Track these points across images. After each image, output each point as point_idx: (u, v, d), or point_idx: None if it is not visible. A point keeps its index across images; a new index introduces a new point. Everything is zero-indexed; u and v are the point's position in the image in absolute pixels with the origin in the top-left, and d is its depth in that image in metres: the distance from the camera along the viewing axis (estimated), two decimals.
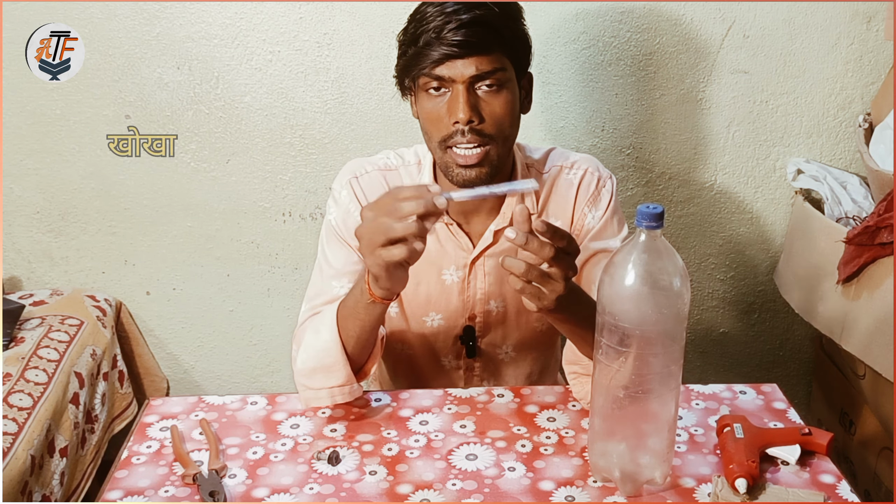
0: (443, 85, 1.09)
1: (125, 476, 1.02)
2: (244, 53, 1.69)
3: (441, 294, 1.26)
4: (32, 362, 1.55)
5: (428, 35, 1.06)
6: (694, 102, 1.74)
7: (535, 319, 1.29)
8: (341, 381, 1.11)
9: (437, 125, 1.11)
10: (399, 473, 1.02)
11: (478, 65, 1.06)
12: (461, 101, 1.07)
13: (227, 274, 1.87)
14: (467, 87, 1.08)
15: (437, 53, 1.06)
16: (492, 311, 1.27)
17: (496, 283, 1.25)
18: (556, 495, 0.98)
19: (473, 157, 1.10)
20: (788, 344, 1.98)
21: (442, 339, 1.30)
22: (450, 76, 1.07)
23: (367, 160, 1.26)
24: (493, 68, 1.07)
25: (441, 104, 1.10)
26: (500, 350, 1.31)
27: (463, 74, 1.07)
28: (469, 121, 1.08)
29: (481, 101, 1.09)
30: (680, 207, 1.83)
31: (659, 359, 0.91)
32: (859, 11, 1.67)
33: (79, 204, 1.81)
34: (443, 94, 1.10)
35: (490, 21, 1.06)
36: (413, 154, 1.25)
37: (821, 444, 1.03)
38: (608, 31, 1.68)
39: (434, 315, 1.28)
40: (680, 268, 0.90)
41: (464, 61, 1.06)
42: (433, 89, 1.10)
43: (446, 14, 1.06)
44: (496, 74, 1.08)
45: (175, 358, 1.96)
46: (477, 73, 1.07)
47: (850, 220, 1.60)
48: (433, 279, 1.25)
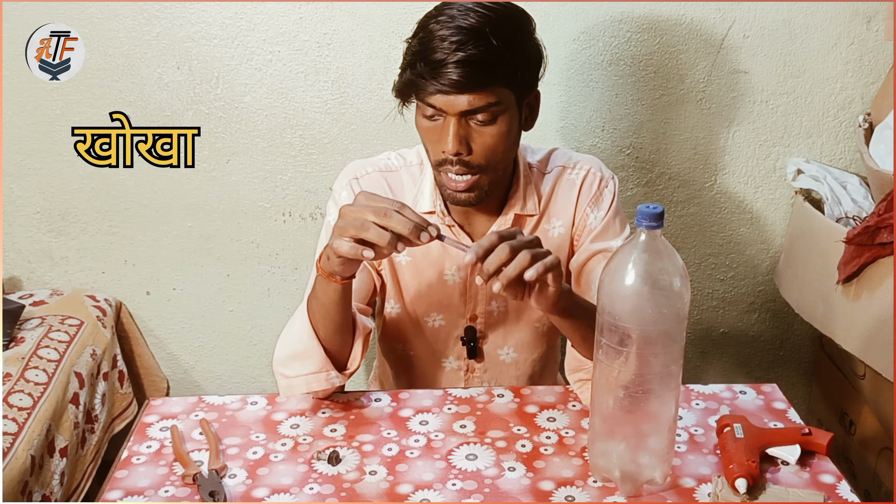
0: (436, 113, 1.09)
1: (125, 476, 1.02)
2: (244, 53, 1.69)
3: (443, 295, 1.26)
4: (32, 362, 1.55)
5: (426, 66, 1.05)
6: (694, 102, 1.74)
7: (536, 319, 1.29)
8: (316, 367, 1.10)
9: (431, 146, 1.13)
10: (399, 473, 1.02)
11: (471, 101, 1.06)
12: (451, 133, 1.07)
13: (227, 274, 1.87)
14: (458, 119, 1.07)
15: (431, 88, 1.05)
16: (493, 311, 1.27)
17: None
18: (556, 495, 0.98)
19: (462, 183, 1.11)
20: (788, 344, 1.97)
21: (443, 339, 1.30)
22: (441, 108, 1.07)
23: (368, 161, 1.26)
24: (487, 103, 1.07)
25: (435, 128, 1.10)
26: (502, 351, 1.31)
27: (455, 107, 1.06)
28: (457, 153, 1.08)
29: (473, 132, 1.09)
30: (680, 207, 1.83)
31: (659, 359, 0.91)
32: (859, 11, 1.67)
33: (79, 204, 1.80)
34: (436, 121, 1.10)
35: (488, 60, 1.04)
36: (415, 154, 1.25)
37: (821, 444, 1.03)
38: (608, 31, 1.68)
39: (435, 316, 1.28)
40: (680, 268, 0.90)
41: (457, 96, 1.06)
42: (428, 114, 1.10)
43: (451, 43, 1.03)
44: (490, 109, 1.07)
45: (175, 358, 1.96)
46: (469, 108, 1.06)
47: (850, 220, 1.60)
48: (435, 280, 1.25)
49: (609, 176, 1.25)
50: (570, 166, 1.25)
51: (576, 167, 1.25)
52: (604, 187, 1.24)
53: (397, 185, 1.24)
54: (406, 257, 1.25)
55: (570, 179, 1.24)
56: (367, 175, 1.23)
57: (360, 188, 1.22)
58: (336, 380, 1.12)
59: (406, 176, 1.24)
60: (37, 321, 1.68)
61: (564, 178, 1.24)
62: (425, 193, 1.22)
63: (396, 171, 1.24)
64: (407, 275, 1.26)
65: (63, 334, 1.66)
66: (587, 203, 1.23)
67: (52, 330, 1.66)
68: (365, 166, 1.25)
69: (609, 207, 1.24)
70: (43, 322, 1.68)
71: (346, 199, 1.22)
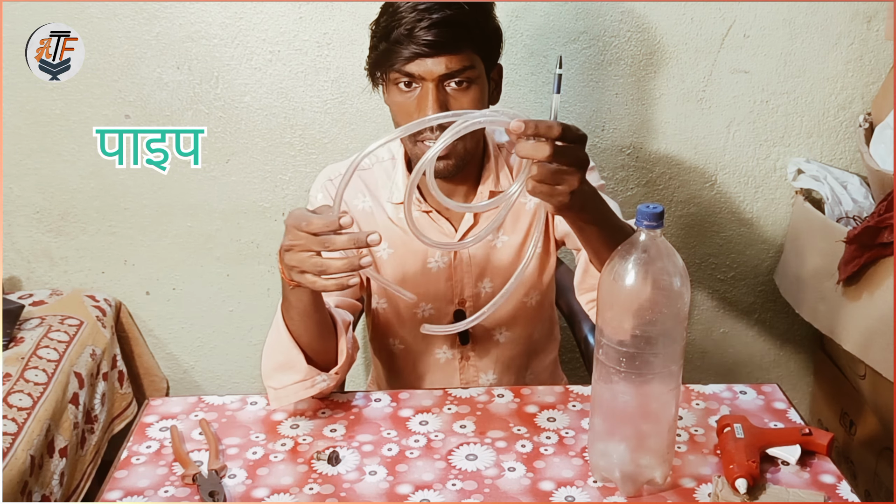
0: (413, 81, 1.10)
1: (125, 476, 1.02)
2: (244, 53, 1.69)
3: (429, 283, 1.27)
4: (32, 362, 1.55)
5: (399, 32, 1.07)
6: (694, 102, 1.74)
7: (524, 294, 1.29)
8: (301, 375, 1.08)
9: (406, 119, 1.11)
10: (399, 473, 1.01)
11: (447, 63, 1.08)
12: (430, 98, 1.09)
13: (227, 274, 1.87)
14: (437, 84, 1.09)
15: (407, 52, 1.07)
16: (480, 293, 1.28)
17: (483, 264, 1.26)
18: (556, 495, 0.98)
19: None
20: (788, 344, 1.97)
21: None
22: (419, 74, 1.09)
23: (342, 164, 1.28)
24: (463, 66, 1.09)
25: (411, 99, 1.11)
26: (494, 332, 1.31)
27: (432, 72, 1.08)
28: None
29: (450, 98, 1.11)
30: (680, 207, 1.83)
31: (659, 359, 0.91)
32: (859, 11, 1.67)
33: (79, 204, 1.80)
34: (413, 90, 1.11)
35: (461, 20, 1.07)
36: (386, 150, 1.27)
37: (821, 445, 1.03)
38: (608, 30, 1.68)
39: (424, 305, 1.28)
40: (680, 268, 0.90)
41: (434, 60, 1.08)
42: (403, 84, 1.11)
43: (418, 12, 1.06)
44: (466, 72, 1.10)
45: (175, 358, 1.96)
46: (446, 71, 1.08)
47: (850, 220, 1.60)
48: (419, 269, 1.26)
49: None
50: None
51: None
52: None
53: (372, 182, 1.26)
54: (388, 250, 1.25)
55: None
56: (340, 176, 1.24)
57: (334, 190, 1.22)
58: (323, 384, 1.10)
59: (380, 172, 1.26)
60: (36, 321, 1.68)
61: None
62: (399, 185, 1.24)
63: (370, 170, 1.27)
64: (389, 268, 1.27)
65: (63, 334, 1.66)
66: None
67: (51, 330, 1.66)
68: (339, 169, 1.28)
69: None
70: (42, 322, 1.68)
71: (322, 200, 1.24)
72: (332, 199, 1.18)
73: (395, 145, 1.26)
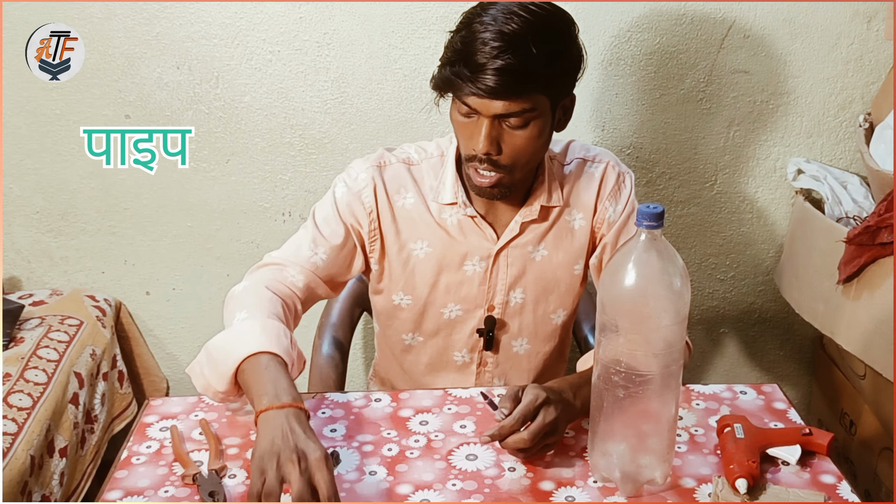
0: (471, 112, 1.10)
1: (125, 476, 1.02)
2: (244, 53, 1.69)
3: (461, 285, 1.27)
4: (32, 362, 1.55)
5: (465, 68, 1.06)
6: (694, 102, 1.74)
7: (553, 311, 1.30)
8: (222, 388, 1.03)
9: (462, 140, 1.15)
10: (399, 473, 1.01)
11: (506, 106, 1.07)
12: (482, 133, 1.09)
13: (227, 274, 1.86)
14: (492, 121, 1.09)
15: (467, 90, 1.07)
16: (510, 301, 1.28)
17: (519, 274, 1.26)
18: (556, 495, 0.98)
19: (487, 180, 1.14)
20: (789, 344, 1.97)
21: (458, 330, 1.30)
22: (476, 108, 1.09)
23: (391, 153, 1.27)
24: (521, 109, 1.08)
25: (468, 125, 1.12)
26: (516, 342, 1.32)
27: (489, 110, 1.08)
28: (487, 153, 1.10)
29: (504, 134, 1.11)
30: (680, 207, 1.83)
31: (659, 359, 0.91)
32: (859, 11, 1.67)
33: (79, 204, 1.80)
34: (471, 118, 1.11)
35: (526, 69, 1.05)
36: (435, 146, 1.27)
37: (821, 445, 1.03)
38: (608, 30, 1.68)
39: (453, 306, 1.28)
40: (680, 268, 0.90)
41: (492, 101, 1.07)
42: (462, 112, 1.11)
43: (490, 48, 1.04)
44: (523, 115, 1.09)
45: (175, 358, 1.96)
46: (504, 112, 1.08)
47: (850, 220, 1.59)
48: (454, 270, 1.26)
49: (626, 171, 1.28)
50: (589, 159, 1.27)
51: (594, 160, 1.27)
52: (622, 182, 1.27)
53: (420, 177, 1.25)
54: (427, 249, 1.25)
55: (589, 172, 1.26)
56: (390, 165, 1.24)
57: (380, 176, 1.23)
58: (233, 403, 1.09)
59: (427, 168, 1.25)
60: (36, 321, 1.68)
61: (584, 171, 1.26)
62: (447, 185, 1.23)
63: (418, 165, 1.26)
64: (425, 266, 1.26)
65: (63, 334, 1.66)
66: (607, 196, 1.26)
67: (51, 330, 1.66)
68: (389, 156, 1.26)
69: (627, 201, 1.26)
70: (42, 322, 1.68)
71: (363, 181, 1.22)
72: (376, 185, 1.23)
73: (444, 142, 1.26)
